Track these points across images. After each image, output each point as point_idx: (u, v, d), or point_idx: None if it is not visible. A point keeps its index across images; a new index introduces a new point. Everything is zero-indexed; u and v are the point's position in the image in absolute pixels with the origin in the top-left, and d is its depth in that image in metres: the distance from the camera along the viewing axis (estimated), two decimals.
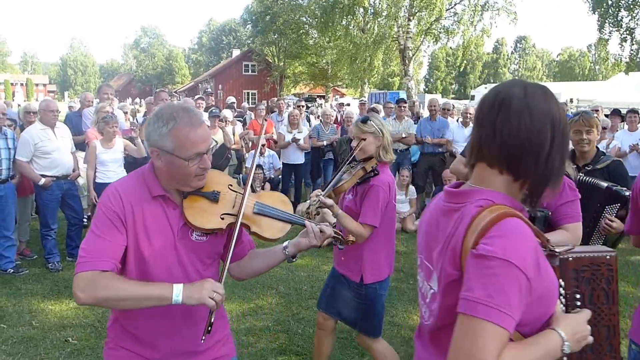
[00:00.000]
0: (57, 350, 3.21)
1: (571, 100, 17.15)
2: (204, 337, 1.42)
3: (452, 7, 20.41)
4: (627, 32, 17.67)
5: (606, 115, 7.61)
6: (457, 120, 7.78)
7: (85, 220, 5.56)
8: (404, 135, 6.85)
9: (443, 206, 1.07)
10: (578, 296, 1.05)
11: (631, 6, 17.19)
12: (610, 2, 17.48)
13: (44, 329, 3.52)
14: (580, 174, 2.67)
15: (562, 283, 1.04)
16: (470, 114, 6.88)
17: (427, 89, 57.04)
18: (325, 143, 7.08)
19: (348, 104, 17.73)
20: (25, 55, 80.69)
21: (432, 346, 1.07)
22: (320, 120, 7.70)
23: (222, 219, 1.51)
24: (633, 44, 17.91)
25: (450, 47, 26.95)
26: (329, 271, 2.76)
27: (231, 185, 1.59)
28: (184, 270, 1.48)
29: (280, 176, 7.28)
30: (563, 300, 1.04)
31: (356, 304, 2.43)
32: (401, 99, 7.57)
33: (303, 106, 8.69)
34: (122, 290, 1.33)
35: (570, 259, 1.04)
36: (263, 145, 7.12)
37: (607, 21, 17.83)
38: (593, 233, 2.56)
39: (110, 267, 1.36)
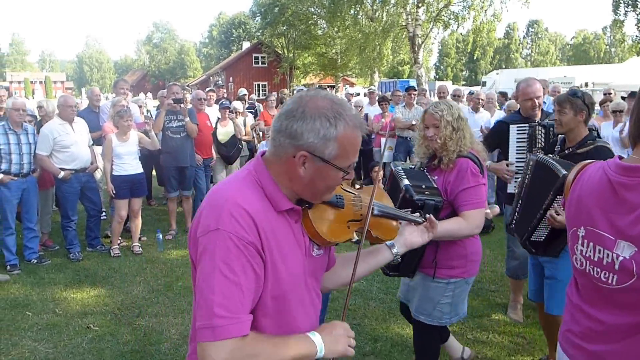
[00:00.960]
0: (79, 337, 3.34)
1: (586, 85, 16.68)
2: None
3: None
4: None
5: (623, 98, 7.46)
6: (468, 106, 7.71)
7: (103, 212, 5.70)
8: (413, 122, 6.83)
9: (622, 180, 1.13)
10: None
11: None
12: None
13: (66, 316, 3.66)
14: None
15: None
16: (481, 99, 6.81)
17: (437, 77, 56.33)
18: None
19: (358, 94, 17.62)
20: (43, 54, 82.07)
21: (622, 303, 1.15)
22: None
23: (349, 227, 1.30)
24: None
25: (461, 34, 26.56)
26: None
27: (342, 185, 1.35)
28: (309, 293, 1.24)
29: None
30: None
31: None
32: (411, 87, 7.52)
33: None
34: (269, 355, 1.07)
35: None
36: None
37: (622, 1, 17.33)
38: None
39: (249, 328, 1.07)
